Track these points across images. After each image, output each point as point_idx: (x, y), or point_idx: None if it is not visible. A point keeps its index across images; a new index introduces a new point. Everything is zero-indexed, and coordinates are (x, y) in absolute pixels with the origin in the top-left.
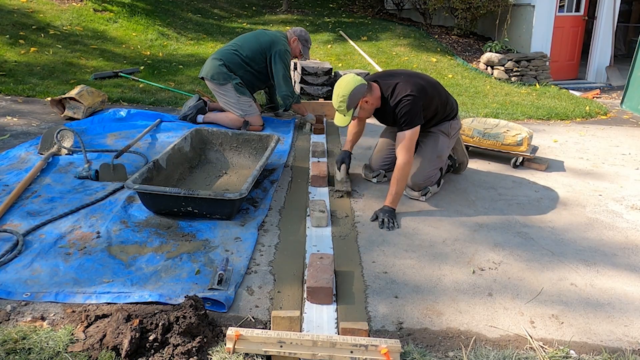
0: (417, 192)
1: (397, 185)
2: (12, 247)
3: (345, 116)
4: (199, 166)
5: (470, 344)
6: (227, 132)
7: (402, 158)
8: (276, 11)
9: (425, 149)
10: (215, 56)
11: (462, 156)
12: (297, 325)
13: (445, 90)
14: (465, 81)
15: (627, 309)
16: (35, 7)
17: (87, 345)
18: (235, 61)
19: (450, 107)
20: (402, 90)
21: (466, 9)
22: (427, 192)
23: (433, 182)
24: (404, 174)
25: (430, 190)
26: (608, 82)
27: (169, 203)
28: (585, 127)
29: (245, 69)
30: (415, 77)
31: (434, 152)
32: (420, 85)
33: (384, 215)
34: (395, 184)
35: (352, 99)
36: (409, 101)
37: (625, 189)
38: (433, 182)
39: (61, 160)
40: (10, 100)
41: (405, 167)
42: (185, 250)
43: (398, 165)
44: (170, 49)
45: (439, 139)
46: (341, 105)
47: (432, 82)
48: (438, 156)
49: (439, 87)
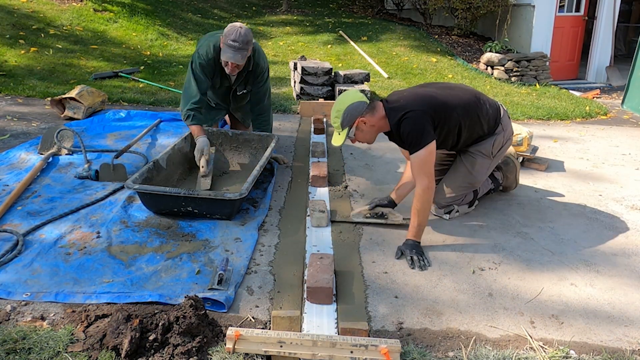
0: (442, 209)
1: (419, 216)
2: (12, 247)
3: (339, 134)
4: (198, 166)
5: (470, 344)
6: (227, 132)
7: (421, 184)
8: (276, 11)
9: (456, 173)
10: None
11: (512, 183)
12: (297, 325)
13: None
14: (465, 81)
15: (627, 309)
16: (35, 7)
17: (87, 345)
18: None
19: (489, 119)
20: (400, 106)
21: (466, 9)
22: (451, 210)
23: (461, 202)
24: (425, 202)
25: (458, 209)
26: (608, 82)
27: (169, 203)
28: (585, 127)
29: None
30: (430, 87)
31: (465, 179)
32: (429, 96)
33: (411, 252)
34: (416, 215)
35: (348, 116)
36: (410, 118)
37: (625, 189)
38: (461, 202)
39: (61, 160)
40: (10, 101)
41: (425, 193)
42: (185, 250)
43: (417, 194)
44: (170, 49)
45: (476, 163)
46: (335, 122)
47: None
48: (470, 183)
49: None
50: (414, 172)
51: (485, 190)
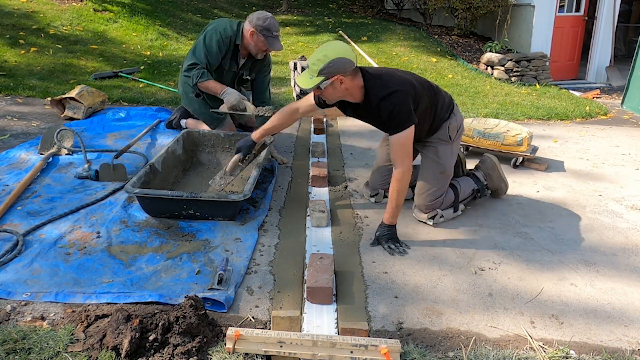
0: (425, 214)
1: (398, 198)
2: (12, 247)
3: (311, 79)
4: (191, 169)
5: (470, 344)
6: (218, 133)
7: (400, 166)
8: (276, 11)
9: (425, 168)
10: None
11: (499, 182)
12: (297, 325)
13: (433, 85)
14: (465, 81)
15: (627, 309)
16: (35, 8)
17: (87, 345)
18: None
19: (444, 104)
20: (387, 84)
21: (466, 9)
22: (435, 214)
23: (444, 204)
24: (404, 184)
25: (443, 214)
26: (608, 82)
27: (170, 207)
28: (585, 127)
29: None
30: (401, 72)
31: (436, 169)
32: (407, 79)
33: (387, 241)
34: (395, 196)
35: (333, 67)
36: (398, 96)
37: (625, 189)
38: (444, 204)
39: (61, 160)
40: (10, 101)
41: (406, 175)
42: (185, 250)
43: (395, 176)
44: (170, 49)
45: (438, 150)
46: (316, 65)
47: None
48: (442, 172)
49: (426, 83)
50: (395, 154)
51: (468, 192)
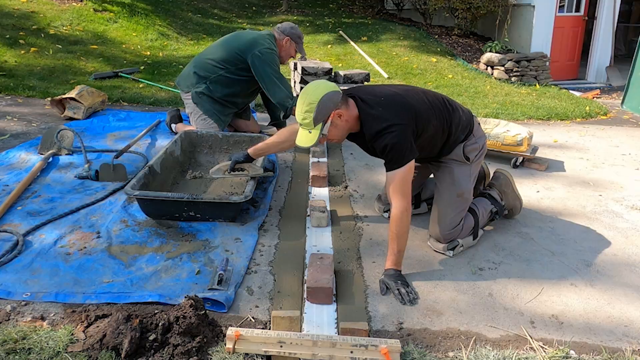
0: (444, 244)
1: (398, 242)
2: (12, 247)
3: (311, 132)
4: (190, 170)
5: (470, 344)
6: (216, 134)
7: (399, 205)
8: (276, 11)
9: (441, 192)
10: (191, 62)
11: (514, 200)
12: (297, 325)
13: (451, 102)
14: (465, 81)
15: (627, 309)
16: (35, 8)
17: (87, 345)
18: (206, 66)
19: (461, 124)
20: (382, 115)
21: (466, 9)
22: (455, 245)
23: (463, 233)
24: (403, 225)
25: (462, 243)
26: (608, 82)
27: (170, 209)
28: (585, 127)
29: (218, 73)
30: (403, 94)
31: (452, 192)
32: (409, 105)
33: (397, 285)
34: (395, 240)
35: (322, 108)
36: (394, 132)
37: (625, 189)
38: (463, 233)
39: (61, 160)
40: (10, 101)
41: (403, 216)
42: (186, 250)
43: (393, 217)
44: (170, 49)
45: (453, 172)
46: (306, 118)
47: (428, 100)
48: (459, 194)
49: (439, 102)
50: (390, 191)
51: (486, 214)
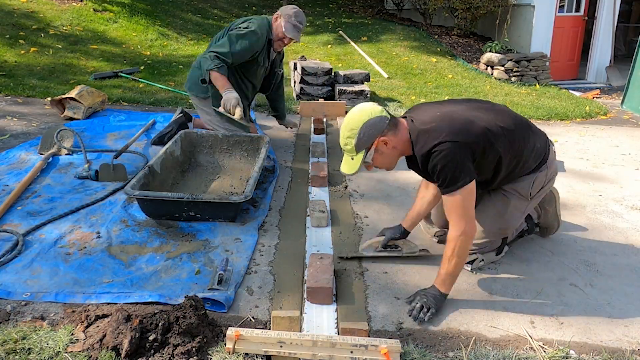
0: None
1: (450, 265)
2: (12, 247)
3: (353, 160)
4: (190, 170)
5: (470, 344)
6: (216, 134)
7: (457, 228)
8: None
9: (484, 216)
10: (195, 63)
11: (553, 220)
12: (297, 325)
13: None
14: (465, 81)
15: (627, 309)
16: (35, 7)
17: (87, 345)
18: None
19: (535, 151)
20: (434, 131)
21: (466, 9)
22: (474, 259)
23: (486, 250)
24: (460, 248)
25: (483, 258)
26: (608, 82)
27: (170, 209)
28: (585, 127)
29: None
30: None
31: (495, 223)
32: (467, 120)
33: (421, 299)
34: (447, 262)
35: (365, 135)
36: (445, 151)
37: (625, 189)
38: (486, 250)
39: (61, 160)
40: (10, 101)
41: (462, 239)
42: (185, 250)
43: (451, 238)
44: (170, 49)
45: (509, 204)
46: (348, 144)
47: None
48: (500, 228)
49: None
50: (449, 214)
51: (516, 233)
